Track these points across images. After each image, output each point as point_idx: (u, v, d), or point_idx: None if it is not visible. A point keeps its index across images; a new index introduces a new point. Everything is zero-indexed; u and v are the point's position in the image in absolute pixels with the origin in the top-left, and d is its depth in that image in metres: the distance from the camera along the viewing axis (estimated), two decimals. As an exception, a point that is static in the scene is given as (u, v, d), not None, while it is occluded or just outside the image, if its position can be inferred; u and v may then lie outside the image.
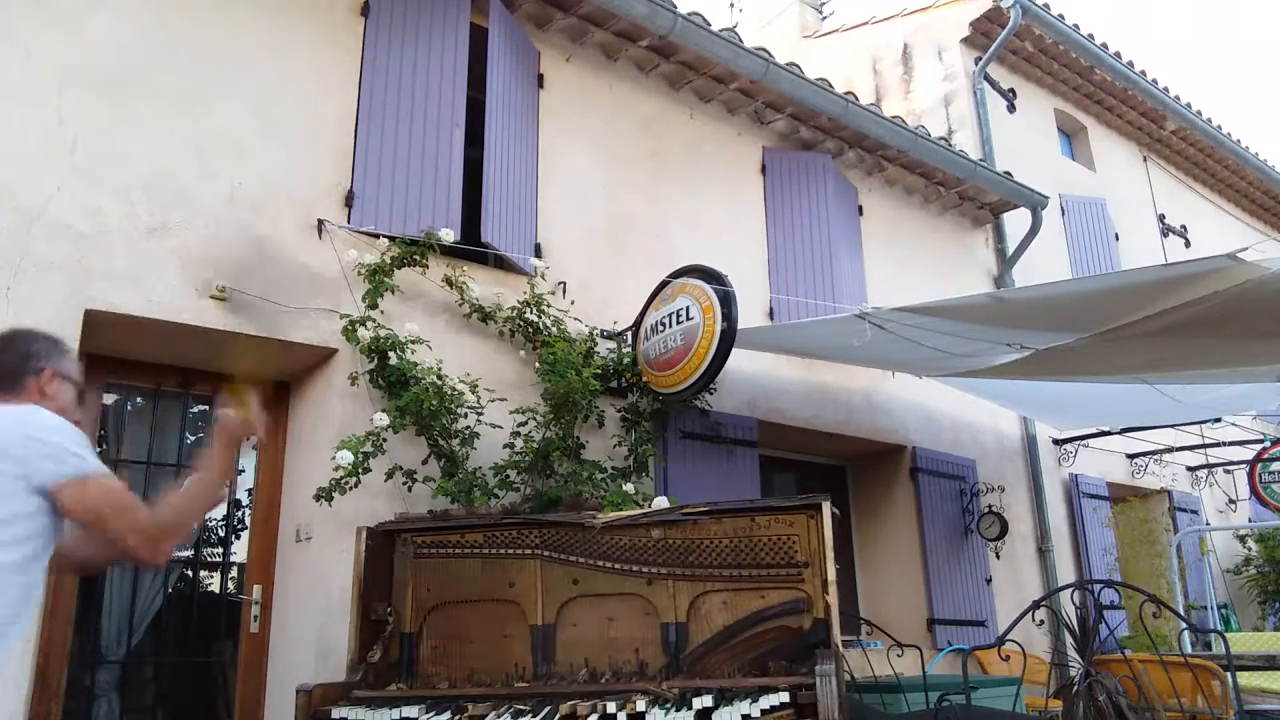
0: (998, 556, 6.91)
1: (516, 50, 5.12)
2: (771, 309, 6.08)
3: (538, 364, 4.51)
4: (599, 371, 4.39)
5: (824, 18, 11.08)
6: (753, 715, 2.74)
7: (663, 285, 4.95)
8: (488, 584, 3.48)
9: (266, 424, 2.28)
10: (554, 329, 4.67)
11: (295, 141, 4.29)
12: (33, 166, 3.60)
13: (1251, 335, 4.45)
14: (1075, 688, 4.62)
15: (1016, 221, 8.03)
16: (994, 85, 8.60)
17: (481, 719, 2.97)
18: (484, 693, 3.20)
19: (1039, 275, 7.64)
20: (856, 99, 6.49)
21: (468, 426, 4.22)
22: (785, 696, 2.78)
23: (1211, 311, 3.95)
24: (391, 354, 4.12)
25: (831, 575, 3.11)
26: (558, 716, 2.87)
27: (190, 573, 4.30)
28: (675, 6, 5.42)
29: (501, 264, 4.80)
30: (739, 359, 5.26)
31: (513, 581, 3.46)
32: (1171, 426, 7.68)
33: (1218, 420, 7.77)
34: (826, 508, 3.17)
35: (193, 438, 4.34)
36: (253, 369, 2.29)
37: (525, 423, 4.37)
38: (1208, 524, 8.89)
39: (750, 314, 5.49)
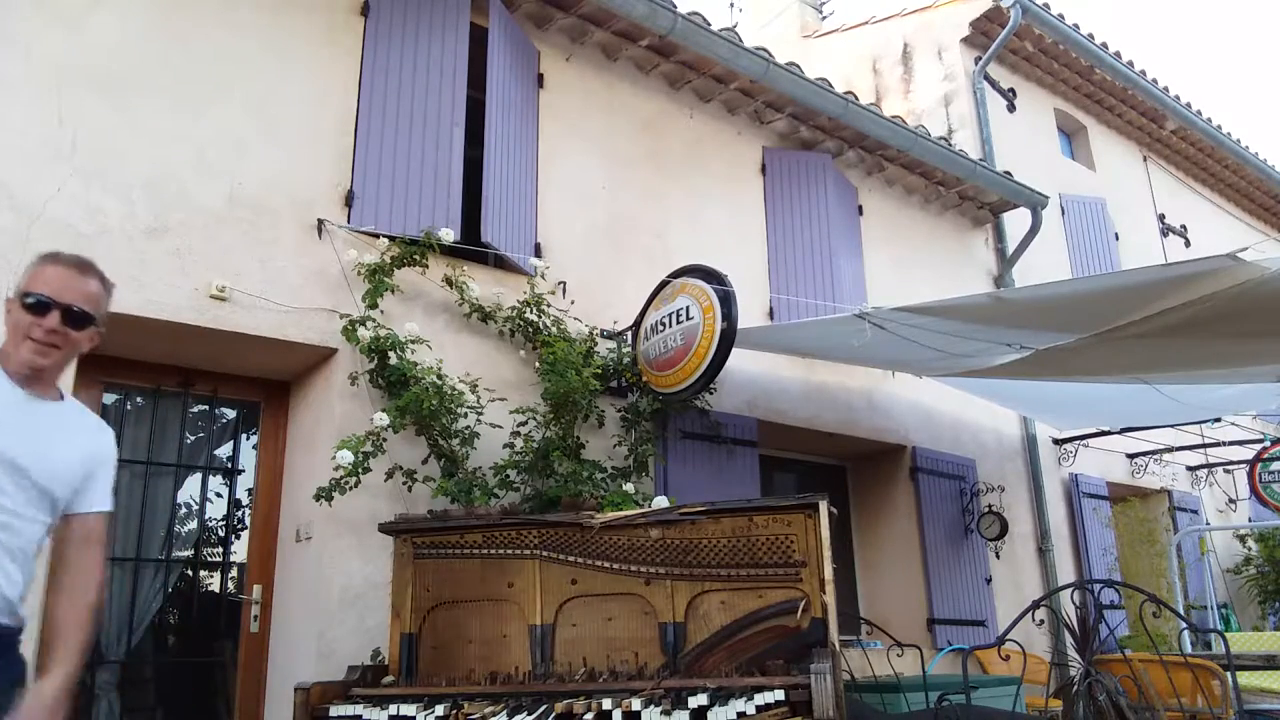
0: (998, 556, 6.91)
1: (516, 50, 5.12)
2: (771, 309, 6.08)
3: (538, 364, 4.52)
4: (599, 371, 4.39)
5: (824, 18, 11.08)
6: (747, 713, 2.75)
7: (663, 285, 4.95)
8: (487, 584, 3.49)
9: None
10: (554, 329, 4.68)
11: (295, 141, 4.30)
12: (33, 166, 3.60)
13: (1251, 335, 4.45)
14: (1075, 688, 4.62)
15: (1016, 221, 8.04)
16: (994, 85, 8.60)
17: (478, 717, 2.98)
18: (481, 691, 3.21)
19: (1039, 275, 7.64)
20: (856, 99, 6.49)
21: (468, 426, 4.22)
22: (780, 694, 2.79)
23: (1211, 311, 3.95)
24: (391, 354, 4.12)
25: (829, 574, 3.11)
26: (553, 715, 2.88)
27: (190, 572, 4.31)
28: (675, 6, 5.43)
29: (501, 264, 4.80)
30: (739, 359, 5.27)
31: (511, 581, 3.46)
32: (1171, 426, 7.68)
33: (1218, 420, 7.77)
34: (824, 507, 3.17)
35: (192, 437, 4.35)
36: None
37: (525, 423, 4.37)
38: (1208, 524, 8.89)
39: (750, 314, 5.49)
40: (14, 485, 1.94)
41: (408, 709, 3.10)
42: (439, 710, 3.07)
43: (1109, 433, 7.92)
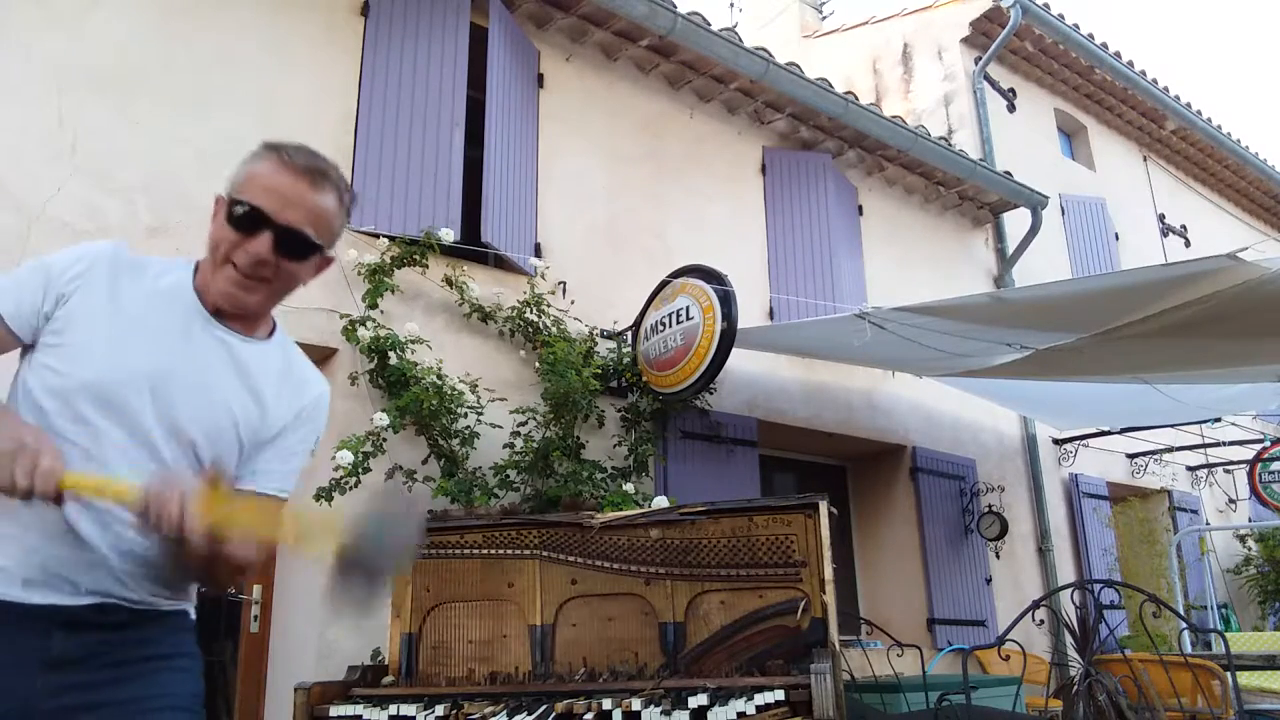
0: (998, 556, 6.91)
1: (516, 50, 5.12)
2: (771, 309, 6.08)
3: (538, 364, 4.51)
4: (599, 371, 4.40)
5: (824, 18, 11.09)
6: (747, 713, 2.74)
7: (663, 285, 4.96)
8: (487, 584, 3.49)
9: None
10: (554, 329, 4.68)
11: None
12: (33, 166, 3.60)
13: (1251, 335, 4.45)
14: (1075, 688, 4.62)
15: (1016, 221, 8.04)
16: (994, 85, 8.60)
17: (478, 717, 2.98)
18: (481, 691, 3.21)
19: (1039, 275, 7.63)
20: (856, 99, 6.49)
21: (468, 426, 4.22)
22: (780, 694, 2.79)
23: (1211, 311, 3.95)
24: (391, 354, 4.12)
25: (829, 574, 3.11)
26: (553, 715, 2.88)
27: (190, 572, 4.30)
28: (675, 6, 5.43)
29: (501, 264, 4.80)
30: (739, 359, 5.26)
31: (511, 581, 3.46)
32: (1171, 426, 7.68)
33: (1218, 420, 7.77)
34: (824, 507, 3.17)
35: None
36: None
37: (525, 423, 4.37)
38: (1208, 524, 8.89)
39: (750, 314, 5.49)
40: (176, 450, 1.45)
41: (408, 709, 3.10)
42: (439, 710, 3.07)
43: (1109, 433, 7.92)
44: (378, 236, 4.34)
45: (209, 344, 1.51)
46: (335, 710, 3.19)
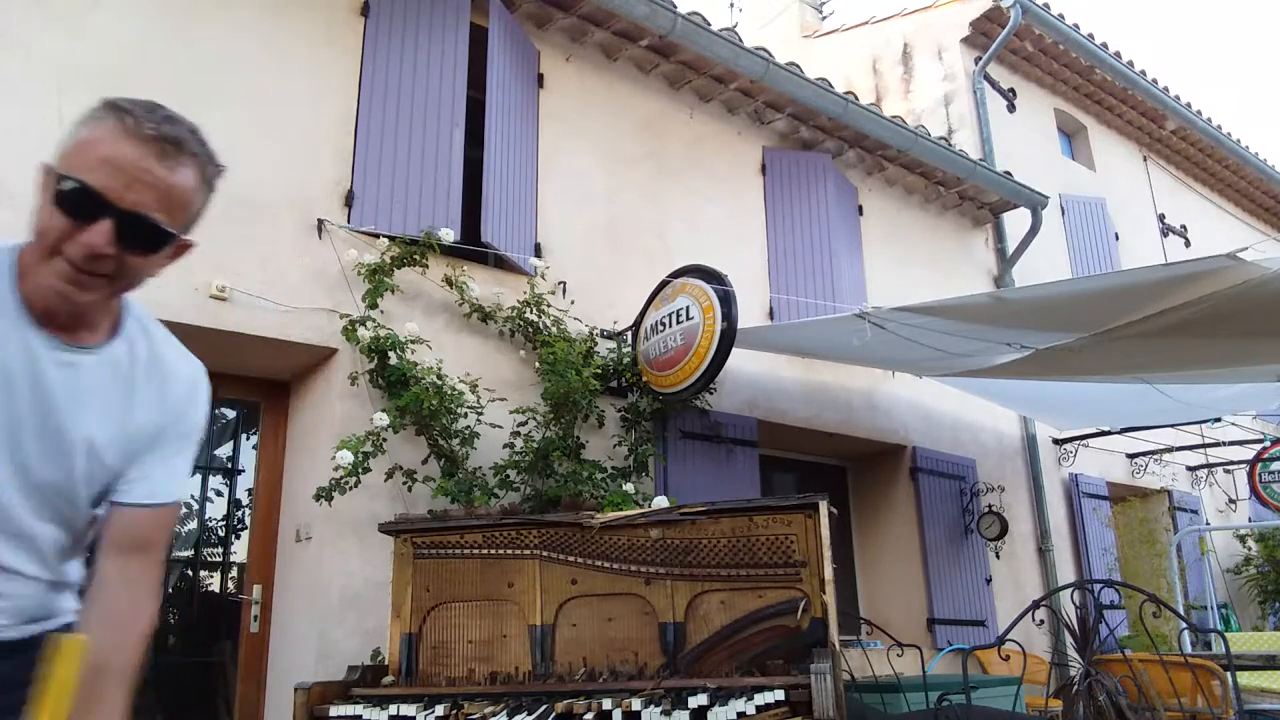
0: (998, 556, 6.91)
1: (516, 50, 5.12)
2: (771, 309, 6.08)
3: (538, 364, 4.52)
4: (599, 371, 4.40)
5: (824, 17, 11.09)
6: (747, 713, 2.75)
7: (663, 285, 4.96)
8: (487, 584, 3.49)
9: None
10: (554, 329, 4.68)
11: (295, 141, 4.29)
12: (33, 166, 3.59)
13: (1251, 335, 4.45)
14: (1075, 687, 4.62)
15: (1016, 221, 8.04)
16: (994, 85, 8.60)
17: (478, 717, 2.98)
18: (481, 691, 3.21)
19: (1039, 275, 7.64)
20: (856, 99, 6.49)
21: (468, 426, 4.22)
22: (780, 694, 2.79)
23: (1211, 311, 3.95)
24: (391, 354, 4.12)
25: (829, 575, 3.11)
26: (553, 715, 2.88)
27: (190, 572, 4.31)
28: (675, 6, 5.43)
29: (501, 264, 4.80)
30: (739, 359, 5.27)
31: (511, 581, 3.46)
32: (1171, 426, 7.68)
33: (1218, 420, 7.77)
34: (824, 507, 3.17)
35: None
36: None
37: (525, 423, 4.37)
38: (1208, 524, 8.89)
39: (750, 314, 5.49)
40: (35, 500, 1.31)
41: (408, 709, 3.10)
42: (439, 710, 3.07)
43: (1109, 433, 7.92)
44: (378, 236, 4.34)
45: (55, 375, 1.28)
46: (335, 710, 3.19)
